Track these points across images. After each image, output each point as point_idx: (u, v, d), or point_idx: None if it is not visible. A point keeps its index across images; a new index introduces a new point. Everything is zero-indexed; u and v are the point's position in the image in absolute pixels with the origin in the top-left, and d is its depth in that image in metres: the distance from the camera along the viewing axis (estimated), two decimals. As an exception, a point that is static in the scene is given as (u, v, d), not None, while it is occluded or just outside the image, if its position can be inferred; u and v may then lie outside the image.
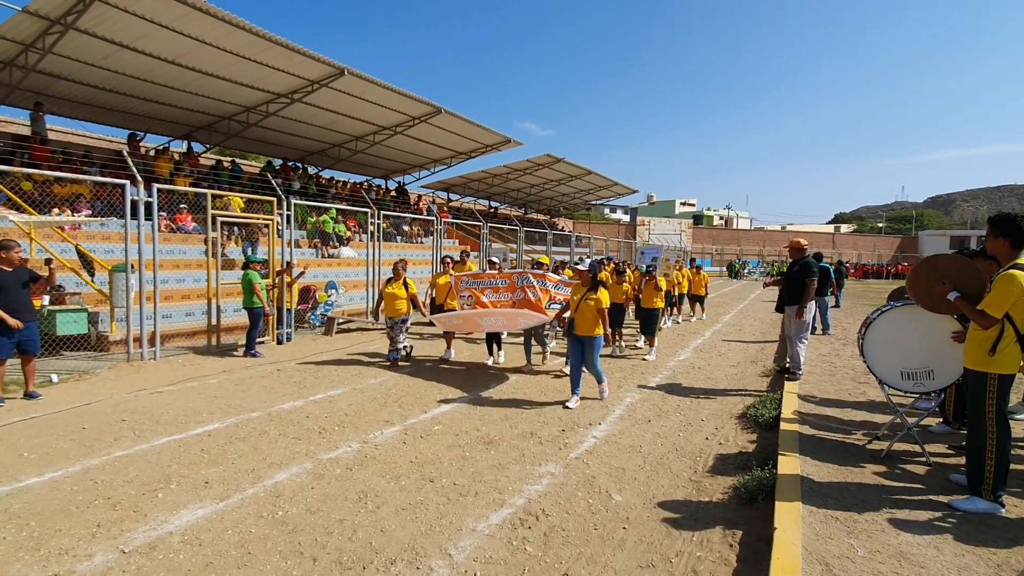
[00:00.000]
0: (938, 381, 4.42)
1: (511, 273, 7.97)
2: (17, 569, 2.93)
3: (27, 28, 10.74)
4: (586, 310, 6.07)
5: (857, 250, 56.57)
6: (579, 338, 6.19)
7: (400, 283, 8.15)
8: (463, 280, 8.20)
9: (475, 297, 7.97)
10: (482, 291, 7.95)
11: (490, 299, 7.88)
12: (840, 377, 7.56)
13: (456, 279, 8.29)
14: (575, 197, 37.72)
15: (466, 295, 8.03)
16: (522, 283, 7.75)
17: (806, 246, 7.43)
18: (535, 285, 7.68)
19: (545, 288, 7.67)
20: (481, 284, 8.03)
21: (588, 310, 6.06)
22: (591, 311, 6.06)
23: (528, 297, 7.66)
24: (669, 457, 4.73)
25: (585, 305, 6.07)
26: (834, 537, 3.23)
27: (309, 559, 3.09)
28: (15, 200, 10.38)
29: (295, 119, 17.55)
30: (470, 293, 8.00)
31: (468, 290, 8.04)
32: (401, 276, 8.17)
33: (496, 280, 7.97)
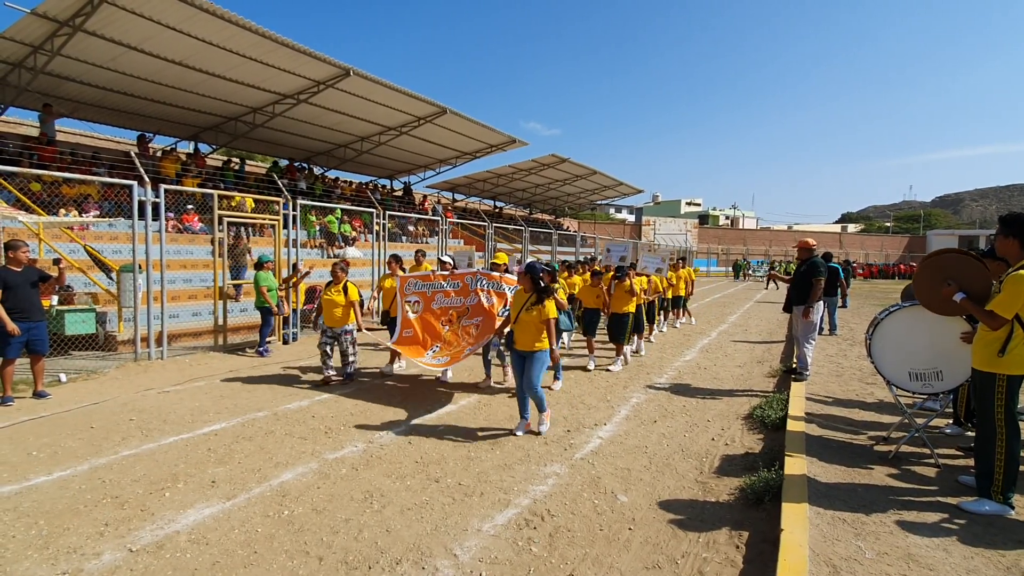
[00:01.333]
0: (947, 382, 4.39)
1: (463, 274, 7.08)
2: (26, 567, 2.95)
3: (36, 30, 10.82)
4: (527, 321, 5.17)
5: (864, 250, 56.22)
6: (520, 353, 5.28)
7: (339, 287, 7.11)
8: (410, 283, 7.20)
9: (423, 303, 7.06)
10: (432, 295, 7.05)
11: (440, 305, 6.99)
12: (847, 378, 7.52)
13: (402, 281, 7.26)
14: (580, 197, 37.68)
15: (413, 300, 7.09)
16: (476, 285, 6.87)
17: (814, 246, 7.38)
18: (490, 288, 6.80)
19: (501, 292, 6.76)
20: (431, 287, 7.09)
21: (530, 321, 5.16)
22: (533, 323, 5.15)
23: (481, 302, 6.76)
24: (675, 458, 4.71)
25: (527, 316, 5.17)
26: (841, 539, 3.21)
27: (315, 558, 3.10)
28: (24, 201, 10.47)
29: (301, 120, 17.60)
30: (418, 298, 7.09)
31: (416, 294, 7.11)
32: (341, 279, 7.14)
33: (447, 283, 7.04)
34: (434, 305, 7.02)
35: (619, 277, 8.29)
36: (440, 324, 6.95)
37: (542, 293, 5.15)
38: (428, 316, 7.01)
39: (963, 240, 52.66)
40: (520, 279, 5.40)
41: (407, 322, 7.02)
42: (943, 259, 4.09)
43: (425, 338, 6.90)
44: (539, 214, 38.88)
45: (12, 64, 11.97)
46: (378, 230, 13.18)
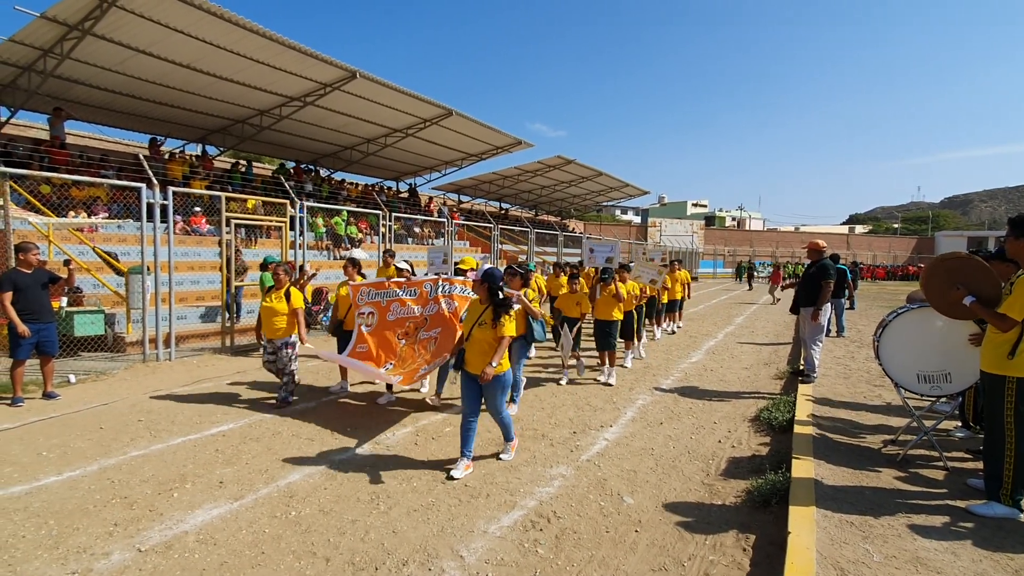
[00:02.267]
0: (955, 384, 4.36)
1: (421, 281, 6.30)
2: (36, 567, 2.98)
3: (45, 34, 10.92)
4: (480, 339, 4.36)
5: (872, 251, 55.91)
6: (472, 376, 4.39)
7: (281, 293, 6.16)
8: (363, 292, 6.37)
9: (378, 315, 6.25)
10: (387, 305, 6.24)
11: (397, 316, 6.20)
12: (855, 380, 7.48)
13: (354, 291, 6.40)
14: (586, 198, 37.65)
15: (367, 311, 6.26)
16: (435, 292, 6.12)
17: (824, 247, 7.32)
18: (452, 294, 6.07)
19: (466, 296, 5.99)
20: (385, 296, 6.31)
21: (483, 339, 4.35)
22: (486, 341, 4.35)
23: (441, 310, 6.04)
24: (681, 460, 4.70)
25: (480, 333, 4.35)
26: (849, 542, 3.19)
27: (322, 559, 3.11)
28: (34, 203, 10.56)
29: (308, 122, 17.69)
30: (372, 309, 6.27)
31: (370, 305, 6.30)
32: (283, 284, 6.22)
33: (403, 291, 6.25)
34: (389, 316, 6.21)
35: (604, 280, 7.52)
36: (396, 338, 6.18)
37: (500, 307, 4.33)
38: (383, 330, 6.20)
39: (972, 241, 52.27)
40: (476, 288, 4.54)
41: (361, 336, 6.21)
42: (951, 263, 4.06)
43: (379, 354, 6.12)
44: (545, 216, 38.88)
45: (22, 68, 12.09)
46: (384, 232, 13.22)
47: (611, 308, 7.54)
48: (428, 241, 22.42)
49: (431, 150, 22.47)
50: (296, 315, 6.15)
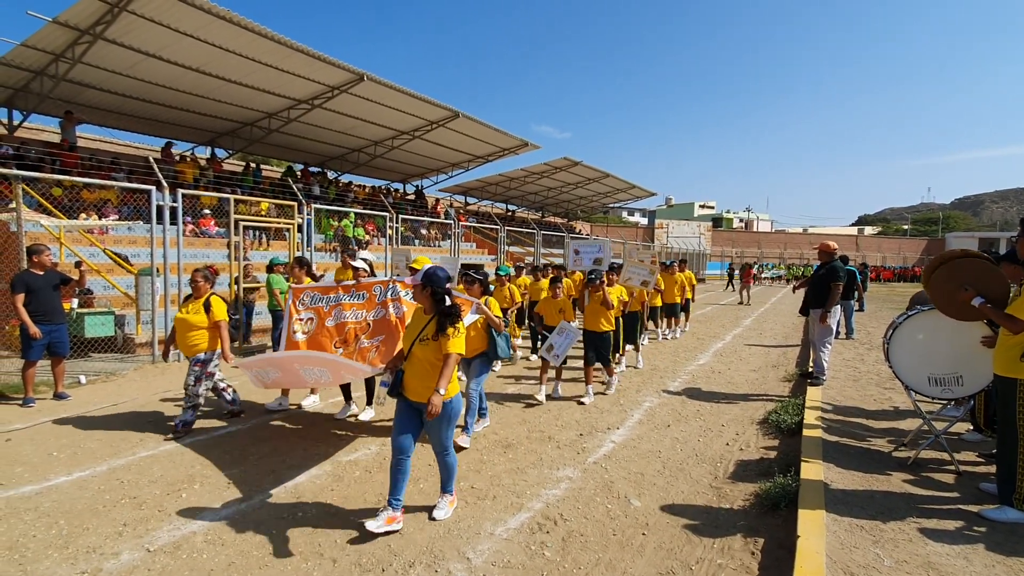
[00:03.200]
0: (967, 387, 4.32)
1: (372, 283, 5.51)
2: (47, 567, 3.00)
3: (57, 39, 11.05)
4: (421, 358, 3.45)
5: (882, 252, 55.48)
6: (411, 404, 3.51)
7: (200, 304, 5.28)
8: (305, 296, 5.65)
9: (317, 320, 5.49)
10: (329, 311, 5.48)
11: (338, 321, 5.44)
12: (864, 383, 7.42)
13: (295, 294, 5.70)
14: (593, 200, 37.62)
15: (306, 317, 5.53)
16: (384, 295, 5.35)
17: (835, 249, 7.26)
18: (401, 297, 5.29)
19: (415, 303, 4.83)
20: (329, 301, 5.54)
21: (424, 358, 3.44)
22: (428, 361, 3.44)
23: (388, 315, 5.26)
24: (689, 463, 4.68)
25: (421, 350, 3.45)
26: (859, 546, 3.16)
27: (329, 560, 3.11)
28: (46, 205, 10.68)
29: (315, 124, 17.80)
30: (312, 314, 5.52)
31: (311, 310, 5.56)
32: (203, 292, 5.33)
33: (350, 295, 5.50)
34: (329, 322, 5.45)
35: (592, 282, 6.61)
36: (333, 346, 5.40)
37: (445, 318, 3.43)
38: (320, 336, 5.47)
39: (983, 243, 51.77)
40: (416, 295, 3.59)
41: (292, 346, 5.50)
42: (957, 264, 4.01)
43: None
44: (551, 217, 38.87)
45: (35, 72, 12.25)
46: (391, 234, 13.26)
47: (600, 316, 6.64)
48: (435, 243, 22.48)
49: (438, 152, 22.55)
50: (218, 329, 5.26)
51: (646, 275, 8.70)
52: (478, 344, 5.08)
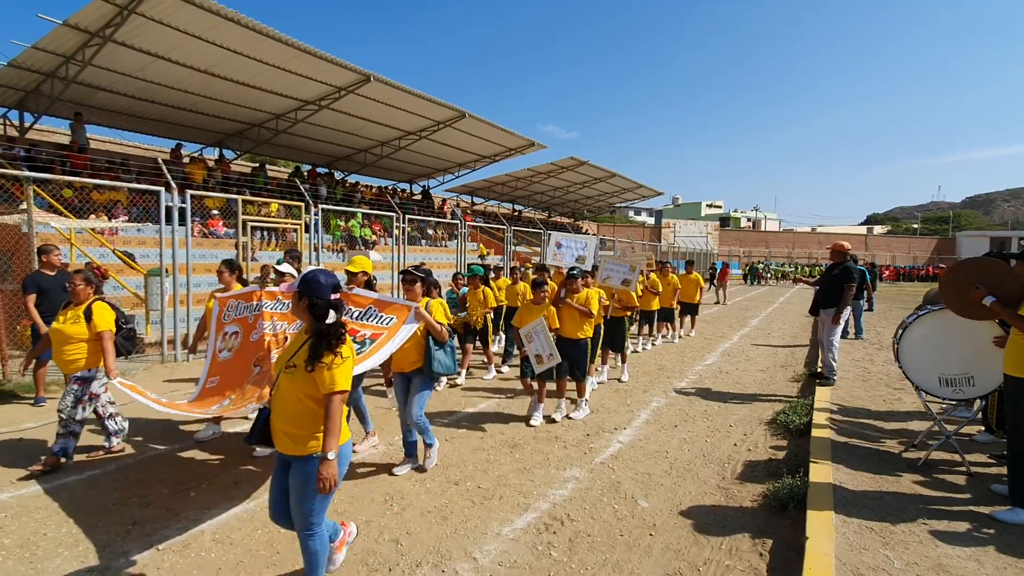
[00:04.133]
0: (979, 388, 4.28)
1: None
2: (57, 564, 3.03)
3: (67, 41, 11.14)
4: (288, 393, 2.63)
5: (891, 252, 55.04)
6: (284, 459, 2.70)
7: (79, 311, 4.41)
8: (230, 306, 4.86)
9: (243, 334, 4.66)
10: (254, 322, 4.63)
11: (260, 333, 4.54)
12: (874, 383, 7.36)
13: (221, 304, 4.93)
14: (599, 200, 37.52)
15: (231, 331, 4.73)
16: None
17: (849, 249, 7.21)
18: None
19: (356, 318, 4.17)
20: (253, 310, 4.69)
21: (292, 393, 2.61)
22: (296, 396, 2.60)
23: None
24: (696, 463, 4.66)
25: (288, 381, 2.63)
26: (869, 548, 3.14)
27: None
28: (56, 207, 10.78)
29: (322, 125, 17.85)
30: (238, 328, 4.70)
31: (237, 322, 4.74)
32: (83, 299, 4.45)
33: (276, 303, 4.67)
34: (253, 336, 4.57)
35: (571, 280, 5.83)
36: (252, 364, 4.43)
37: (322, 341, 2.59)
38: (244, 354, 4.58)
39: (995, 242, 51.25)
40: (293, 307, 2.77)
41: (215, 367, 4.76)
42: (970, 263, 4.01)
43: (224, 391, 4.55)
44: (558, 217, 38.82)
45: (45, 74, 12.34)
46: (398, 234, 13.28)
47: (577, 321, 5.76)
48: (442, 243, 22.50)
49: (444, 152, 22.56)
50: (102, 340, 4.38)
51: (627, 273, 7.30)
52: (416, 356, 4.24)
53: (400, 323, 3.98)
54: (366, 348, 3.85)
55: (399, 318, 4.01)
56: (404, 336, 3.92)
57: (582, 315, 5.73)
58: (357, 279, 4.74)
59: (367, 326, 4.05)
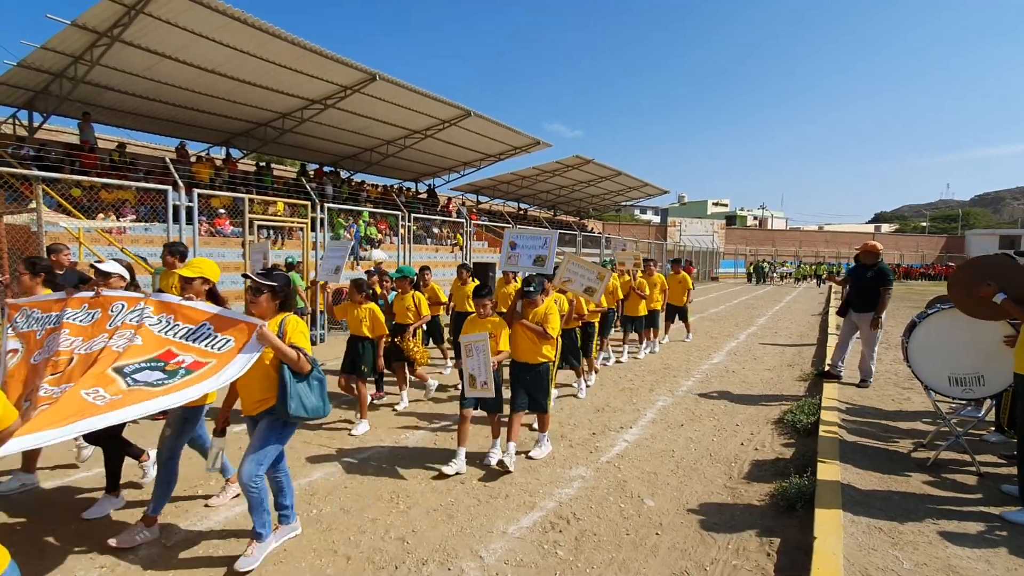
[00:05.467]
0: (989, 387, 4.24)
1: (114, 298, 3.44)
2: (67, 561, 3.05)
3: (76, 41, 11.22)
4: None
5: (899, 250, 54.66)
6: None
7: None
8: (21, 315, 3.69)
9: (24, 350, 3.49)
10: (42, 339, 3.48)
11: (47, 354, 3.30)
12: (883, 382, 7.31)
13: (11, 311, 3.77)
14: (605, 198, 37.48)
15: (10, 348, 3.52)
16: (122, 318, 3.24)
17: (881, 250, 7.16)
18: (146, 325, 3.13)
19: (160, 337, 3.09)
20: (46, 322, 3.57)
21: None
22: None
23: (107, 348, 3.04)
24: (703, 462, 4.64)
25: None
26: (877, 548, 3.12)
27: (343, 557, 3.13)
28: (65, 206, 10.86)
29: (328, 124, 17.92)
30: (20, 343, 3.53)
31: (21, 336, 3.57)
32: None
33: (80, 312, 3.47)
34: (36, 357, 3.37)
35: (529, 295, 4.54)
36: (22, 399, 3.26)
37: None
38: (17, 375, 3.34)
39: (1004, 240, 50.82)
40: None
41: None
42: (979, 261, 3.97)
43: None
44: (563, 216, 38.81)
45: (54, 74, 12.44)
46: (403, 233, 13.30)
47: (536, 343, 4.58)
48: (447, 241, 22.52)
49: (450, 151, 22.58)
50: None
51: (592, 281, 5.92)
52: (262, 392, 3.13)
53: (237, 349, 2.99)
54: (175, 379, 2.81)
55: (237, 342, 3.02)
56: (240, 368, 2.91)
57: (539, 336, 4.52)
58: (193, 287, 3.53)
59: (192, 349, 3.00)
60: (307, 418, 3.13)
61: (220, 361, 2.94)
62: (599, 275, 5.92)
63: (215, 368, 2.91)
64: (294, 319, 3.20)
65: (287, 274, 3.36)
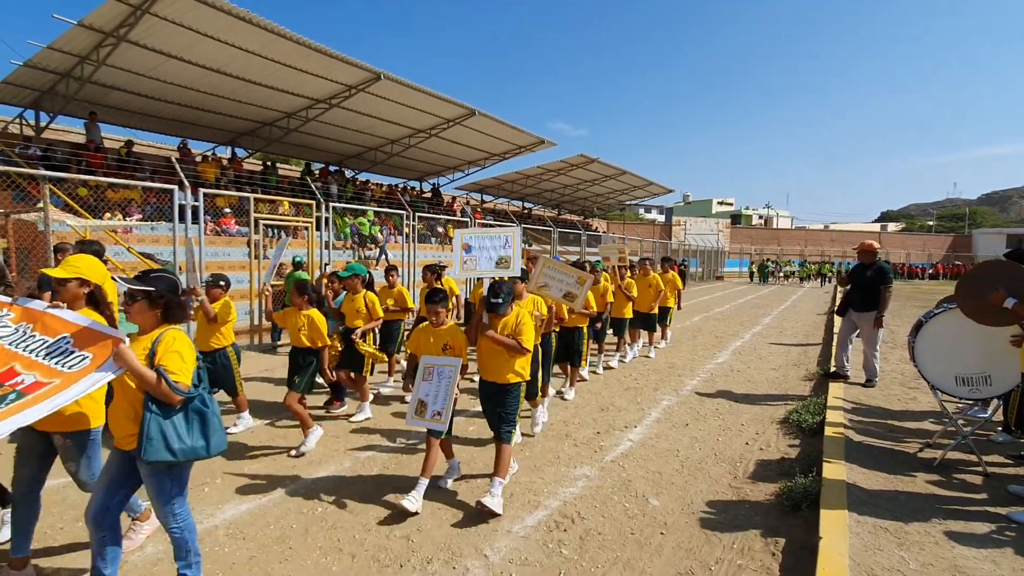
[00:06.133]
0: (996, 387, 4.21)
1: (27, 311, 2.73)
2: (72, 559, 3.07)
3: (82, 41, 11.26)
4: None
5: (905, 249, 54.37)
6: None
7: None
8: None
9: None
10: None
11: None
12: (888, 382, 7.27)
13: None
14: (609, 197, 37.40)
15: None
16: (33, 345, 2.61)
17: (879, 248, 7.14)
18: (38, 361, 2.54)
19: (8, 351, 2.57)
20: None
21: None
22: None
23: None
24: (708, 462, 4.63)
25: None
26: (883, 548, 3.11)
27: (348, 556, 3.14)
28: (72, 205, 10.91)
29: (333, 124, 17.93)
30: None
31: None
32: None
33: None
34: None
35: (495, 307, 3.86)
36: None
37: None
38: None
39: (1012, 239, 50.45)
40: None
41: None
42: (986, 267, 3.96)
43: None
44: (568, 215, 38.76)
45: (60, 74, 12.49)
46: (408, 232, 13.32)
47: (506, 359, 3.90)
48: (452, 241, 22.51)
49: (454, 150, 22.58)
50: None
51: (571, 286, 5.29)
52: (130, 426, 2.56)
53: (92, 368, 2.52)
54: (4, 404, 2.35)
55: (95, 360, 2.54)
56: (80, 391, 2.43)
57: (510, 351, 3.84)
58: (68, 290, 2.91)
59: (39, 367, 2.53)
60: (179, 462, 2.55)
61: (64, 382, 2.46)
62: (579, 279, 5.32)
63: (54, 390, 2.42)
64: (173, 335, 2.58)
65: (172, 277, 2.72)
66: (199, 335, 5.00)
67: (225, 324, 5.05)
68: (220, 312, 5.02)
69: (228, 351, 5.08)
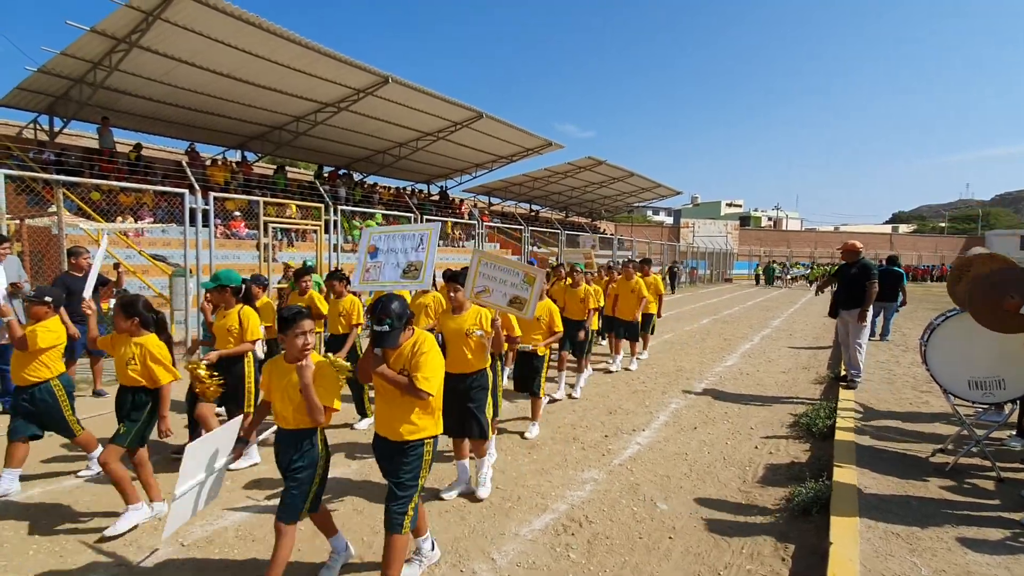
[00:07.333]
0: (1009, 391, 4.16)
1: None
2: (85, 559, 3.10)
3: (95, 47, 11.42)
4: None
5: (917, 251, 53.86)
6: None
7: None
8: None
9: None
10: None
11: None
12: (900, 385, 7.20)
13: None
14: (617, 199, 37.35)
15: None
16: None
17: (861, 248, 7.16)
18: None
19: None
20: None
21: None
22: None
23: None
24: (716, 466, 4.61)
25: None
26: (895, 554, 3.07)
27: (356, 558, 3.15)
28: (85, 209, 11.05)
29: (342, 127, 18.07)
30: None
31: None
32: None
33: None
34: None
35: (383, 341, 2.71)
36: None
37: None
38: None
39: (1025, 240, 49.88)
40: None
41: None
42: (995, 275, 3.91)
43: None
44: (576, 217, 38.74)
45: (74, 80, 12.67)
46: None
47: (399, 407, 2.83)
48: (459, 243, 22.57)
49: (462, 153, 22.66)
50: None
51: (517, 288, 4.02)
52: None
53: None
54: None
55: None
56: None
57: (405, 391, 2.74)
58: None
59: None
60: None
61: None
62: (526, 277, 4.01)
63: None
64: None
65: None
66: (13, 365, 3.87)
67: (44, 352, 3.85)
68: (37, 337, 3.78)
69: (52, 384, 3.90)
